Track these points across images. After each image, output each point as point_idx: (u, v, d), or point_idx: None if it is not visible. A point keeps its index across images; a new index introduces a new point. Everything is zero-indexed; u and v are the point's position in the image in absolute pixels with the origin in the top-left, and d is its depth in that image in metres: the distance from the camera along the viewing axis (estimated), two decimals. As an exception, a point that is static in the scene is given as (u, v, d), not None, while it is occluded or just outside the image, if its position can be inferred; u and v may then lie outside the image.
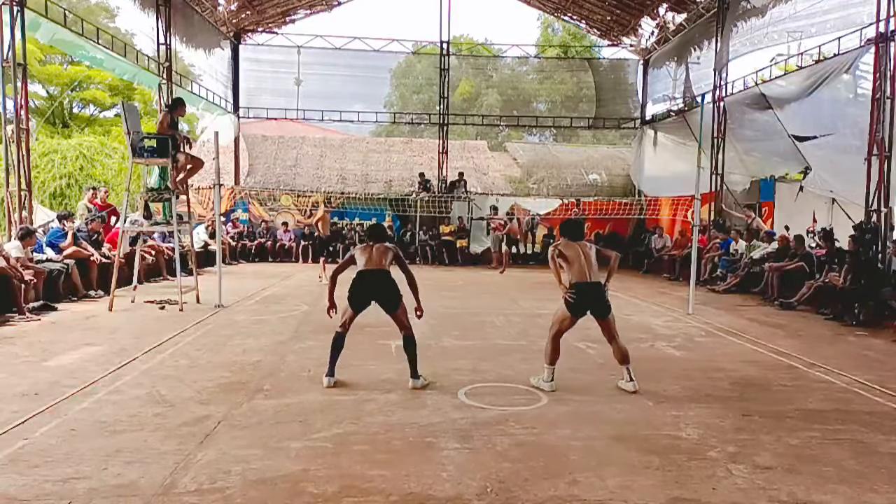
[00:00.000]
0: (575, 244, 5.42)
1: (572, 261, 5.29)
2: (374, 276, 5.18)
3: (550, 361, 5.30)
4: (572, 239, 5.48)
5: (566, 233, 5.56)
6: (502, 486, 3.36)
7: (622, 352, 5.33)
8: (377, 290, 5.21)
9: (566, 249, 5.35)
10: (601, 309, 5.32)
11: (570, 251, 5.33)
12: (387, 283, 5.18)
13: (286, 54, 20.08)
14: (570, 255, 5.30)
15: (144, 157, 8.74)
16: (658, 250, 16.13)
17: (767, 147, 14.15)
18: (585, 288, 5.22)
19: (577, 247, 5.40)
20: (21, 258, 8.42)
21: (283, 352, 6.39)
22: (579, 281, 5.21)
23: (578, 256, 5.31)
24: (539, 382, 5.28)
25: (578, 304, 5.23)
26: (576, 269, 5.25)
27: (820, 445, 4.07)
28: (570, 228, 5.62)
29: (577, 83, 23.15)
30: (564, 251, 5.34)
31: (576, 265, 5.27)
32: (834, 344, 7.48)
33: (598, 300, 5.29)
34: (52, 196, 16.78)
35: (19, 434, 3.95)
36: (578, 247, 5.40)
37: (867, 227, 9.77)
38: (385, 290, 5.18)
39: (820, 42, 12.17)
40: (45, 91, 22.99)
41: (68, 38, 11.60)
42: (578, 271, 5.24)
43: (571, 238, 5.49)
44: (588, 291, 5.23)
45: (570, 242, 5.43)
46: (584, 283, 5.21)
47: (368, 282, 5.20)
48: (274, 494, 3.22)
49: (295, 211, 18.50)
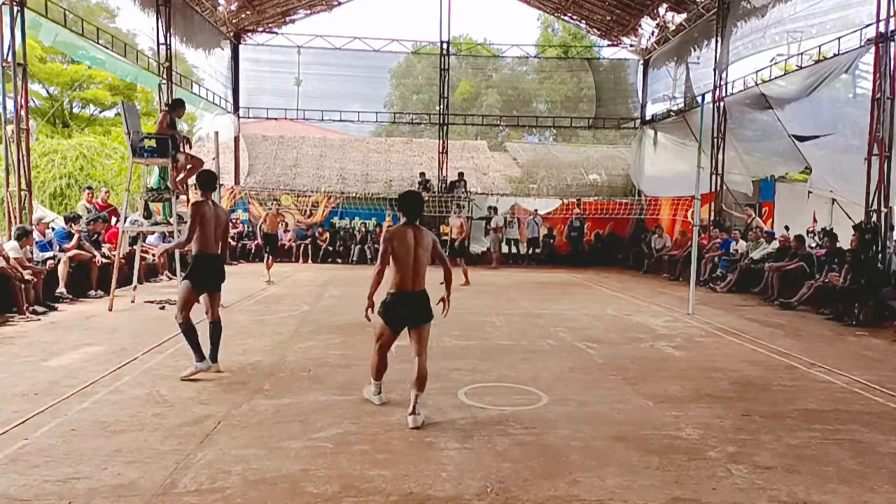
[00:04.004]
0: (409, 231, 4.37)
1: (400, 257, 4.31)
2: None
3: (375, 377, 4.65)
4: (410, 220, 4.41)
5: (403, 208, 4.42)
6: (502, 486, 3.36)
7: (422, 373, 4.32)
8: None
9: (397, 239, 4.31)
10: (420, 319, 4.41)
11: (401, 243, 4.31)
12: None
13: (286, 54, 20.08)
14: (399, 250, 4.30)
15: (144, 157, 8.74)
16: (658, 250, 16.14)
17: (767, 147, 14.16)
18: (406, 298, 4.36)
19: (412, 236, 4.34)
20: (19, 258, 8.42)
21: (283, 352, 6.39)
22: (401, 289, 4.34)
23: (409, 250, 4.31)
24: (368, 394, 4.75)
25: (396, 315, 4.40)
26: (402, 269, 4.32)
27: (820, 445, 4.07)
28: (408, 203, 4.44)
29: (577, 83, 23.16)
30: (395, 241, 4.31)
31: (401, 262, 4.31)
32: (834, 344, 7.48)
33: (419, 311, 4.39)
34: (52, 196, 16.76)
35: (19, 434, 3.95)
36: (413, 236, 4.34)
37: (867, 226, 9.76)
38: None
39: (820, 42, 12.19)
40: (46, 91, 22.98)
41: (70, 40, 11.62)
42: (402, 273, 4.32)
43: (409, 219, 4.41)
44: (408, 302, 4.36)
45: (405, 228, 4.38)
46: (406, 293, 4.35)
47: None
48: (274, 494, 3.22)
49: (295, 211, 18.50)
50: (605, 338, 7.42)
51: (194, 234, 5.39)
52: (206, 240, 5.42)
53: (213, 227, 5.46)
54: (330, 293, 10.98)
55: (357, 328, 7.46)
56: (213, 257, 5.51)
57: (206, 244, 5.44)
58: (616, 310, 9.66)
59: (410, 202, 4.45)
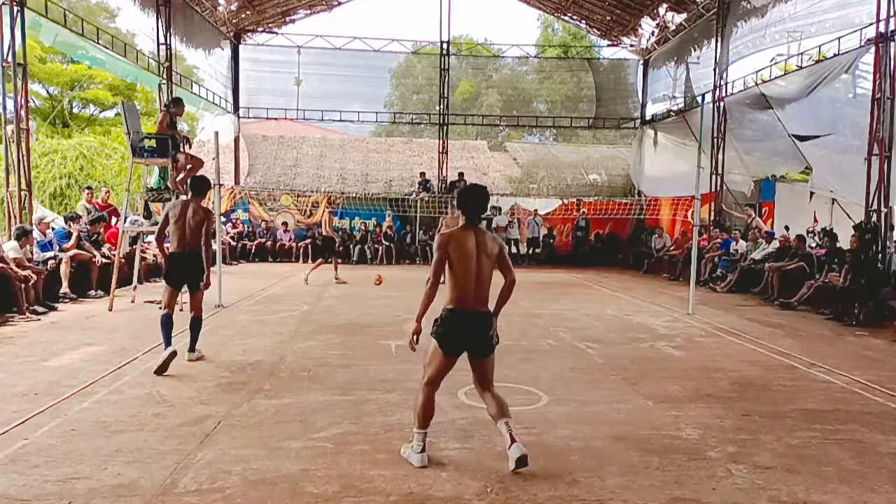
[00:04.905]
0: (469, 234, 3.61)
1: (459, 263, 3.55)
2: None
3: (420, 425, 3.64)
4: (470, 221, 3.66)
5: (465, 205, 3.66)
6: (502, 486, 3.36)
7: (500, 401, 3.62)
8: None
9: (455, 244, 3.55)
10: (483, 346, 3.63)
11: (460, 250, 3.55)
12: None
13: (286, 54, 20.09)
14: (458, 258, 3.55)
15: (144, 157, 8.74)
16: (658, 250, 16.14)
17: (767, 147, 14.17)
18: (468, 317, 3.58)
19: (473, 240, 3.57)
20: (19, 258, 8.42)
21: (283, 352, 6.39)
22: (460, 306, 3.57)
23: (469, 258, 3.56)
24: (408, 454, 3.66)
25: (455, 335, 3.58)
26: (461, 280, 3.55)
27: (820, 445, 4.07)
28: (471, 199, 3.66)
29: (577, 83, 23.17)
30: (452, 247, 3.55)
31: (461, 273, 3.55)
32: (834, 344, 7.48)
33: (483, 336, 3.60)
34: (52, 196, 16.77)
35: (19, 434, 3.95)
36: (475, 241, 3.58)
37: (867, 226, 9.77)
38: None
39: (820, 42, 12.20)
40: (46, 91, 22.99)
41: (70, 40, 11.63)
42: (462, 286, 3.56)
43: (470, 219, 3.66)
44: (470, 322, 3.58)
45: (464, 231, 3.62)
46: (467, 311, 3.57)
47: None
48: (274, 494, 3.22)
49: (295, 211, 18.51)
50: (605, 338, 7.42)
51: (163, 233, 5.98)
52: (175, 239, 5.78)
53: (183, 226, 5.76)
54: (330, 293, 10.97)
55: (356, 328, 7.48)
56: (184, 256, 5.81)
57: (176, 243, 5.79)
58: (616, 310, 9.66)
59: (474, 198, 3.66)
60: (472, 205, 3.64)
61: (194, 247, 5.81)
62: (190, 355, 5.85)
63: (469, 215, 3.65)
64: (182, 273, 5.82)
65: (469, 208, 3.64)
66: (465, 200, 3.67)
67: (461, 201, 3.68)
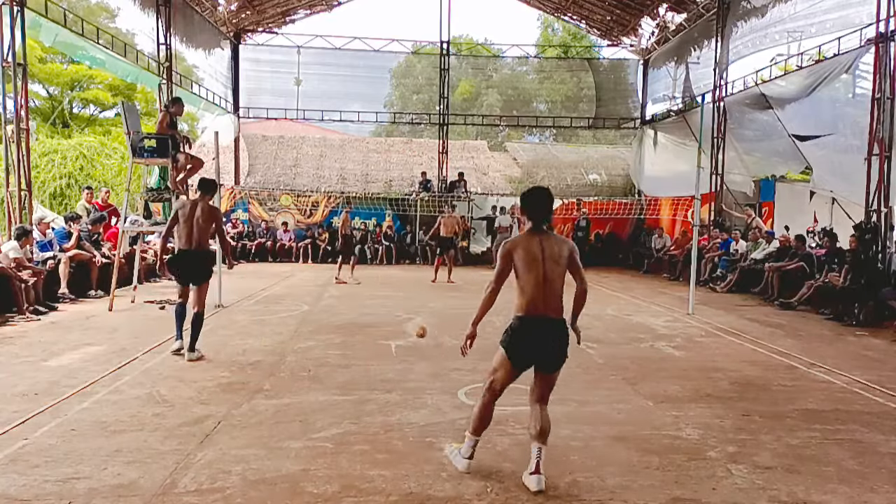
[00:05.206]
0: (535, 240, 3.45)
1: (526, 271, 3.41)
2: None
3: (475, 430, 3.56)
4: (535, 225, 3.50)
5: (529, 208, 3.52)
6: (502, 486, 3.36)
7: (545, 424, 3.43)
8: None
9: (521, 251, 3.42)
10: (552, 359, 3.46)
11: (525, 256, 3.41)
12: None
13: (286, 54, 20.08)
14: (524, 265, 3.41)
15: (144, 157, 8.74)
16: (658, 250, 16.14)
17: (767, 147, 14.16)
18: (541, 325, 3.40)
19: (539, 246, 3.42)
20: (19, 258, 8.42)
21: (283, 352, 6.38)
22: (532, 313, 3.40)
23: (536, 264, 3.39)
24: (453, 455, 3.62)
25: (526, 346, 3.43)
26: (530, 288, 3.39)
27: (820, 445, 4.07)
28: (535, 202, 3.52)
29: (577, 83, 23.15)
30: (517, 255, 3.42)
31: (528, 281, 3.39)
32: (834, 344, 7.48)
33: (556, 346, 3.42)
34: (52, 196, 16.76)
35: (19, 434, 3.95)
36: (540, 246, 3.42)
37: (867, 226, 9.77)
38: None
39: (820, 42, 12.20)
40: (46, 91, 22.98)
41: (70, 40, 11.61)
42: (530, 294, 3.40)
43: (536, 223, 3.50)
44: (544, 330, 3.40)
45: (530, 236, 3.48)
46: (539, 318, 3.40)
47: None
48: (274, 494, 3.22)
49: (295, 211, 18.51)
50: (605, 338, 7.42)
51: (171, 231, 6.16)
52: (184, 237, 6.03)
53: (192, 225, 5.99)
54: (330, 293, 10.97)
55: (356, 328, 7.48)
56: (190, 253, 6.05)
57: (184, 240, 6.03)
58: (616, 310, 9.65)
59: (538, 201, 3.50)
60: (537, 209, 3.49)
61: (201, 244, 6.07)
62: (190, 355, 5.89)
63: (533, 219, 3.49)
64: (188, 269, 6.07)
65: (531, 211, 3.49)
66: (528, 205, 3.52)
67: (525, 206, 3.54)
